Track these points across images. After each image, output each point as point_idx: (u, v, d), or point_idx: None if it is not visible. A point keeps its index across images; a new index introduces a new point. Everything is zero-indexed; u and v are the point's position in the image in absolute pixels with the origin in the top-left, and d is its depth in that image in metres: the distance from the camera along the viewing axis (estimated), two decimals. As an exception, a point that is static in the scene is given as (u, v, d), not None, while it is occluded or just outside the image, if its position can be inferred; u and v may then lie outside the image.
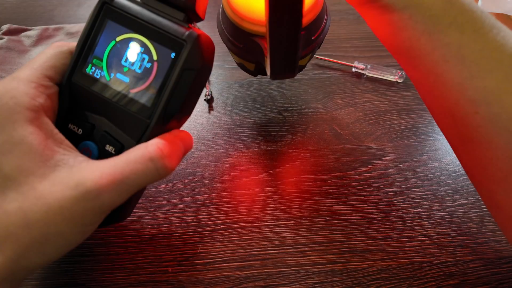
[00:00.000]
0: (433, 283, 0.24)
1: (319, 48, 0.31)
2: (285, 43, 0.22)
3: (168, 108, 0.20)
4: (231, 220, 0.28)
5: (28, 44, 0.44)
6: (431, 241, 0.27)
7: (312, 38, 0.28)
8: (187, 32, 0.20)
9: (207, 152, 0.32)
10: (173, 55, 0.20)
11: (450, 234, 0.27)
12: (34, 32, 0.45)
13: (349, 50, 0.43)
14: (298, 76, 0.40)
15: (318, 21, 0.28)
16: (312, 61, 0.42)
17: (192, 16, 0.21)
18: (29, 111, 0.19)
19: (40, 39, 0.45)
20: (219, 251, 0.26)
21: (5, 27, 0.45)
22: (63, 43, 0.22)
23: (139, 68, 0.20)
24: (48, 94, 0.20)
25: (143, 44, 0.20)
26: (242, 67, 0.32)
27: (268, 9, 0.20)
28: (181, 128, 0.23)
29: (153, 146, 0.19)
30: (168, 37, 0.20)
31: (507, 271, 0.25)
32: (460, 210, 0.29)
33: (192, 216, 0.28)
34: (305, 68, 0.41)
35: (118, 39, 0.21)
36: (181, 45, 0.20)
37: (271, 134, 0.34)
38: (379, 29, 0.22)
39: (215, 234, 0.27)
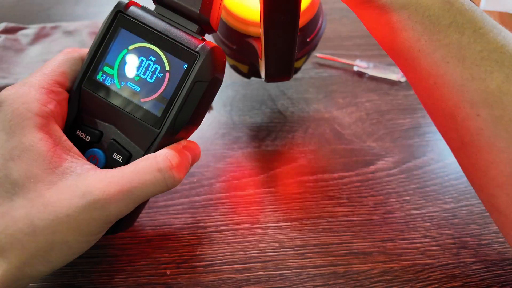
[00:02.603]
0: (436, 285, 0.24)
1: (314, 50, 0.30)
2: (281, 45, 0.22)
3: (178, 119, 0.20)
4: (230, 221, 0.27)
5: (25, 42, 0.43)
6: (434, 243, 0.26)
7: (308, 39, 0.28)
8: (200, 45, 0.20)
9: (206, 153, 0.32)
10: (185, 66, 0.20)
11: (453, 236, 0.27)
12: (31, 30, 0.45)
13: (350, 48, 0.43)
14: (299, 75, 0.40)
15: (314, 23, 0.27)
16: (313, 60, 0.41)
17: (205, 28, 0.21)
18: (39, 117, 0.19)
19: (37, 38, 0.44)
20: (219, 253, 0.26)
21: (1, 25, 0.44)
22: (75, 49, 0.22)
23: (151, 77, 0.20)
24: (58, 100, 0.20)
25: (155, 54, 0.20)
26: (235, 69, 0.32)
27: (264, 9, 0.19)
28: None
29: (161, 157, 0.19)
30: (181, 49, 0.20)
31: (510, 273, 0.25)
32: (463, 211, 0.28)
33: (191, 217, 0.28)
34: (306, 67, 0.40)
35: (130, 47, 0.20)
36: (194, 57, 0.20)
37: (272, 134, 0.34)
38: (377, 30, 0.21)
39: (214, 236, 0.27)
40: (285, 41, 0.21)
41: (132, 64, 0.20)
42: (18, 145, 0.18)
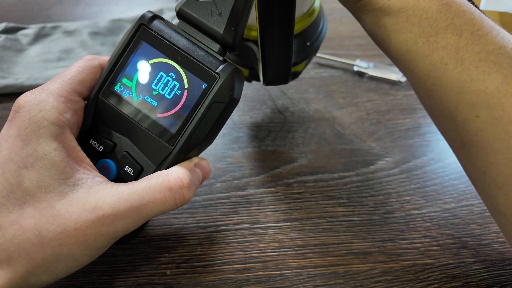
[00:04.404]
0: (436, 285, 0.24)
1: (315, 54, 0.30)
2: (277, 49, 0.22)
3: (193, 138, 0.20)
4: (230, 221, 0.27)
5: (25, 42, 0.43)
6: (434, 243, 0.26)
7: (308, 44, 0.27)
8: (221, 66, 0.20)
9: (206, 152, 0.32)
10: (204, 86, 0.20)
11: (453, 236, 0.27)
12: (31, 30, 0.45)
13: (351, 48, 0.43)
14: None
15: (314, 27, 0.27)
16: (313, 60, 0.41)
17: (227, 48, 0.21)
18: (55, 126, 0.19)
19: (37, 38, 0.44)
20: (219, 253, 0.26)
21: (1, 25, 0.44)
22: (95, 57, 0.22)
23: (169, 94, 0.20)
24: (75, 109, 0.20)
25: (175, 71, 0.20)
26: None
27: (258, 12, 0.19)
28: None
29: (173, 175, 0.19)
30: (202, 68, 0.20)
31: (510, 273, 0.25)
32: (463, 211, 0.28)
33: (191, 217, 0.28)
34: (306, 67, 0.40)
35: (151, 62, 0.20)
36: (214, 78, 0.20)
37: (272, 134, 0.34)
38: (375, 33, 0.21)
39: (214, 235, 0.27)
40: (280, 44, 0.21)
41: (151, 79, 0.20)
42: (33, 153, 0.18)
